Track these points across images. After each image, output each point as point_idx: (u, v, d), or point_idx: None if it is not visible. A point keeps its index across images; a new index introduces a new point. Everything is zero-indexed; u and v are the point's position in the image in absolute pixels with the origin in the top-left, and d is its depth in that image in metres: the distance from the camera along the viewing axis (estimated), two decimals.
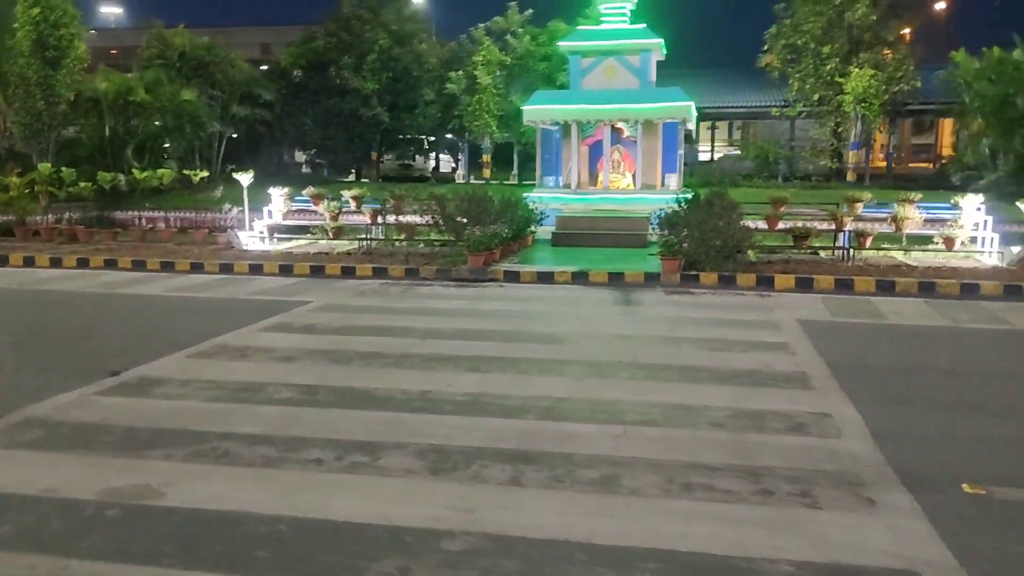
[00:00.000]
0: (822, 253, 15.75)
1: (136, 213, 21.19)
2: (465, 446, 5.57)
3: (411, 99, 32.55)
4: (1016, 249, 14.63)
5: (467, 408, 6.49)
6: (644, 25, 19.45)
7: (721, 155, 40.72)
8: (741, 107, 37.11)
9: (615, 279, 13.32)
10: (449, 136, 35.94)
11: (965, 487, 4.79)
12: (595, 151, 20.01)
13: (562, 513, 4.50)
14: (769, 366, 7.75)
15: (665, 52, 19.85)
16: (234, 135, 31.22)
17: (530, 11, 32.50)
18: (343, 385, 7.16)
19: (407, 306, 11.35)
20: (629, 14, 19.91)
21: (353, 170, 38.57)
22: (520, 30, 31.70)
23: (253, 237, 17.66)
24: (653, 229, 16.02)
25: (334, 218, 17.87)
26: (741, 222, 14.28)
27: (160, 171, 23.73)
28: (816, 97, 30.75)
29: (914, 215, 15.56)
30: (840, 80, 29.64)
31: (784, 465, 5.15)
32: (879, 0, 29.28)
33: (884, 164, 36.23)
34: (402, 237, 17.25)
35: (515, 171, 36.65)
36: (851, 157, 31.27)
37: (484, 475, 5.06)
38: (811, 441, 5.65)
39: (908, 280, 12.57)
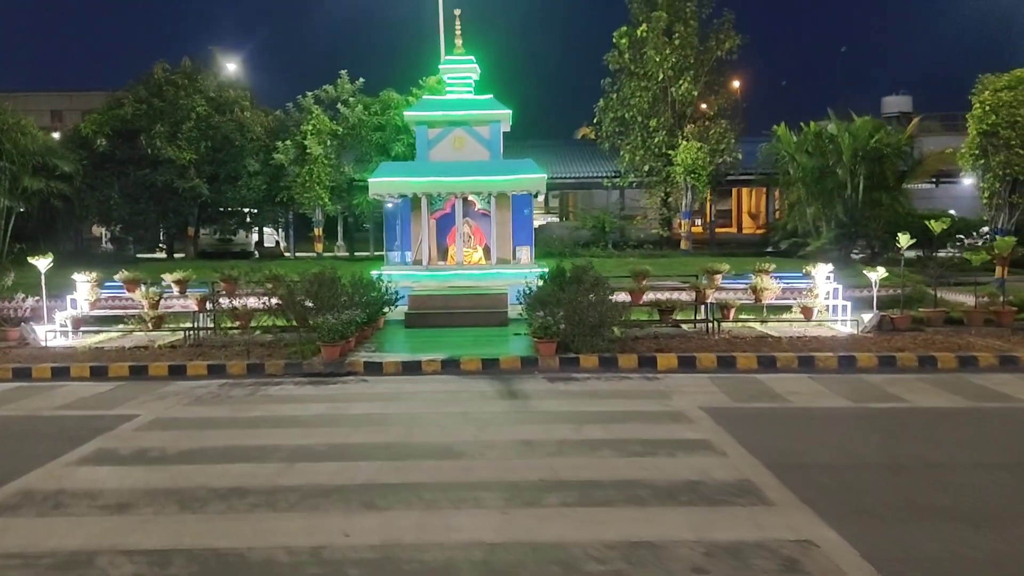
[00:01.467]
0: (684, 326, 15.43)
1: None
2: None
3: (233, 170, 30.37)
4: (867, 316, 14.94)
5: (379, 572, 5.02)
6: (491, 96, 18.88)
7: (543, 223, 41.16)
8: (570, 178, 37.71)
9: (489, 366, 12.16)
10: (271, 208, 33.88)
11: None
12: (443, 224, 18.99)
13: None
14: (708, 475, 6.82)
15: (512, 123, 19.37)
16: (22, 209, 27.50)
17: (361, 80, 31.44)
18: (204, 546, 5.46)
19: (259, 415, 9.55)
20: (474, 84, 19.34)
21: (164, 246, 35.45)
22: (352, 99, 30.43)
23: (54, 331, 15.02)
24: (521, 307, 15.09)
25: (153, 306, 15.60)
26: (610, 296, 13.68)
27: None
28: (646, 168, 31.68)
29: (772, 285, 15.63)
30: (669, 152, 30.70)
31: None
32: (699, 77, 30.81)
33: (701, 230, 38.01)
34: (236, 325, 15.29)
35: (340, 242, 35.15)
36: (683, 225, 32.32)
37: None
38: None
39: (788, 355, 12.29)
